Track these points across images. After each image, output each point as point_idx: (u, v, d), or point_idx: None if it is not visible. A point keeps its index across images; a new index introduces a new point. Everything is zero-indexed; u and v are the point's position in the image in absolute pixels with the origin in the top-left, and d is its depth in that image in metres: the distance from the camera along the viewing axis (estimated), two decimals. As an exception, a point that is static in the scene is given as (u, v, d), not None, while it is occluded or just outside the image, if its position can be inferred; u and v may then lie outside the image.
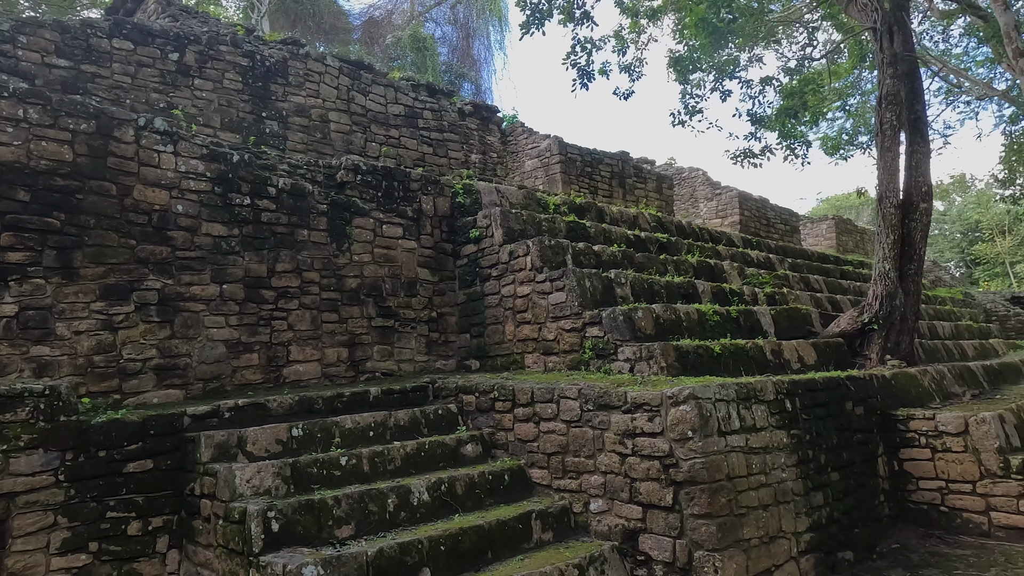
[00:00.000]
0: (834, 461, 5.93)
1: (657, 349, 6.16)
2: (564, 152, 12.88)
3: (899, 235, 9.11)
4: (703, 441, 4.58)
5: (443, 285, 8.19)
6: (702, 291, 8.56)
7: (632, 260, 8.42)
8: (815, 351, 8.24)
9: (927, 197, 9.33)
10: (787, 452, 5.34)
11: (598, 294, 7.08)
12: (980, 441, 6.40)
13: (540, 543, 4.95)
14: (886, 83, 9.49)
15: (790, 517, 5.16)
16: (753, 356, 7.12)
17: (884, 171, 9.33)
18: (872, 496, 6.45)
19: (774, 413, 5.35)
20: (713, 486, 4.55)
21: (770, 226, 18.61)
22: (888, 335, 8.84)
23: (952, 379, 8.78)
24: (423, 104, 10.71)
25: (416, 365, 7.73)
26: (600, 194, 13.53)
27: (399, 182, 7.86)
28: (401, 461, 5.29)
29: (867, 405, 6.79)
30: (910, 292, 9.00)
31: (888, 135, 9.38)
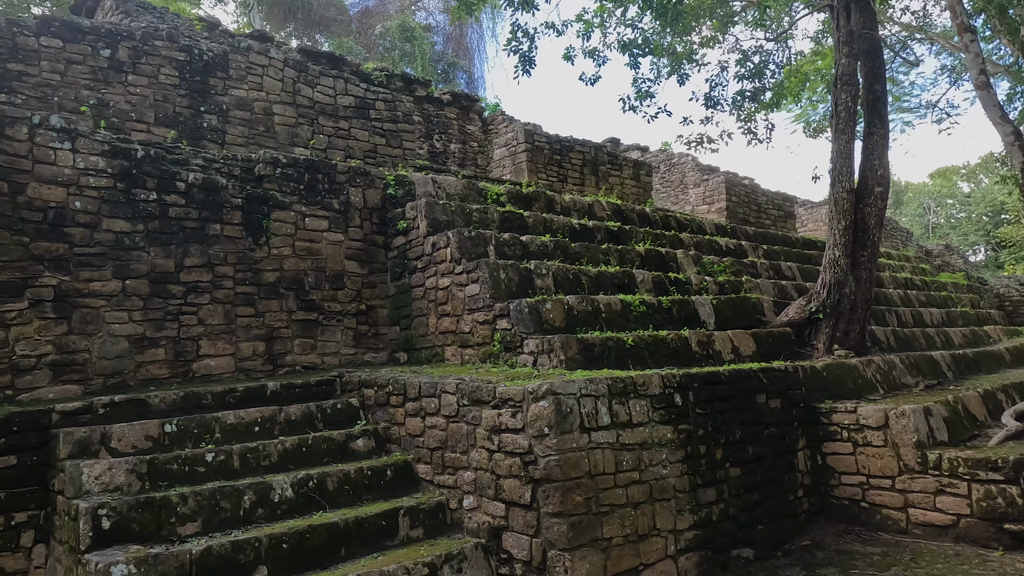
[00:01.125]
0: (735, 456, 5.75)
1: (557, 342, 6.02)
2: (531, 140, 12.71)
3: (851, 220, 8.80)
4: (559, 438, 4.46)
5: (374, 277, 8.13)
6: (640, 281, 8.38)
7: (566, 250, 8.25)
8: (755, 341, 8.02)
9: (882, 181, 8.99)
10: (671, 448, 5.18)
11: (513, 286, 6.96)
12: (899, 435, 6.15)
13: (407, 540, 4.89)
14: (842, 62, 9.15)
15: (668, 514, 5.01)
16: (675, 348, 6.94)
17: (838, 154, 9.01)
18: (787, 491, 6.25)
19: (658, 408, 5.19)
20: (567, 484, 4.42)
21: (761, 211, 18.20)
22: (837, 324, 8.57)
23: (904, 369, 8.47)
24: (375, 95, 10.63)
25: (342, 358, 7.70)
26: (570, 182, 13.36)
27: (324, 174, 7.81)
28: (278, 457, 5.27)
29: (787, 398, 6.57)
30: (862, 280, 8.69)
31: (843, 117, 9.05)
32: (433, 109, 16.39)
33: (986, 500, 5.61)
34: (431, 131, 16.23)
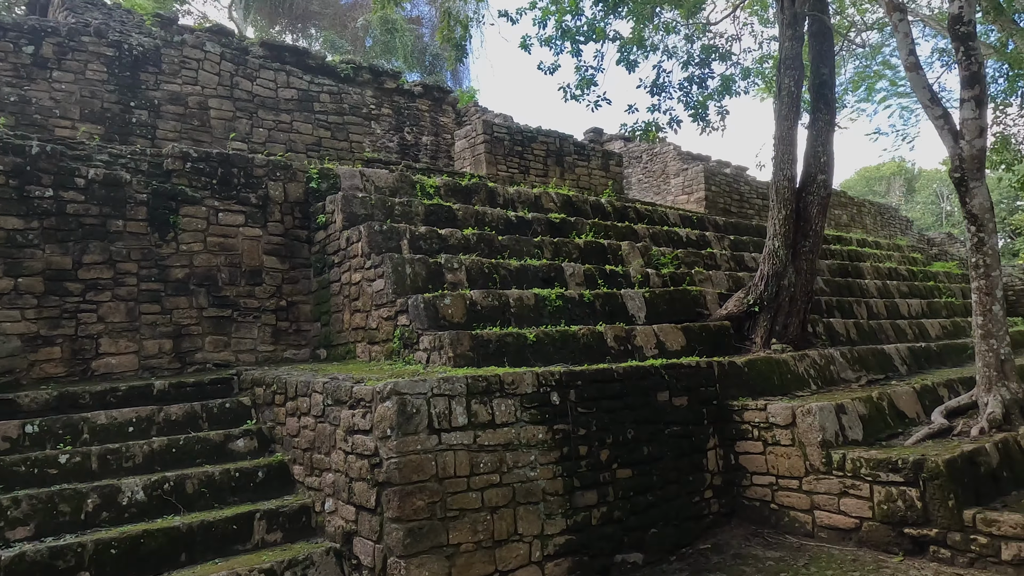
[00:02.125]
0: (626, 457, 5.53)
1: (447, 338, 5.84)
2: (489, 132, 12.48)
3: (792, 210, 8.49)
4: (400, 440, 4.29)
5: (296, 273, 8.01)
6: (570, 274, 8.16)
7: (492, 244, 8.05)
8: (685, 336, 7.77)
9: (826, 168, 8.66)
10: (543, 449, 4.99)
11: (420, 281, 6.78)
12: (804, 434, 5.89)
13: (261, 544, 4.75)
14: (785, 45, 8.82)
15: (535, 519, 4.82)
16: (587, 344, 6.72)
17: (779, 141, 8.70)
18: (691, 492, 6.03)
19: (529, 407, 4.99)
20: (407, 488, 4.25)
21: (744, 201, 17.80)
22: (776, 317, 8.29)
23: (845, 363, 8.16)
24: (320, 87, 10.49)
25: (259, 355, 7.59)
26: (532, 173, 13.12)
27: (240, 168, 7.69)
28: (143, 459, 5.16)
29: (696, 395, 6.33)
30: (802, 271, 8.39)
31: (786, 102, 8.72)
32: (404, 101, 16.23)
33: (887, 503, 5.34)
34: (401, 124, 16.08)
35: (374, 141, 15.70)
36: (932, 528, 5.12)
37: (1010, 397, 6.49)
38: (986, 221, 6.63)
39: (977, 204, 6.64)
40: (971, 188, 6.64)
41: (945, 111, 6.82)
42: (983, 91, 6.57)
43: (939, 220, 42.59)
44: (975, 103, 6.57)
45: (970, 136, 6.59)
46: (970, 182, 6.64)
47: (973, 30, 6.63)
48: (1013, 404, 6.49)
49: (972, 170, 6.62)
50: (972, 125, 6.58)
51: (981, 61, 6.58)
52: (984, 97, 6.60)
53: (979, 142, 6.58)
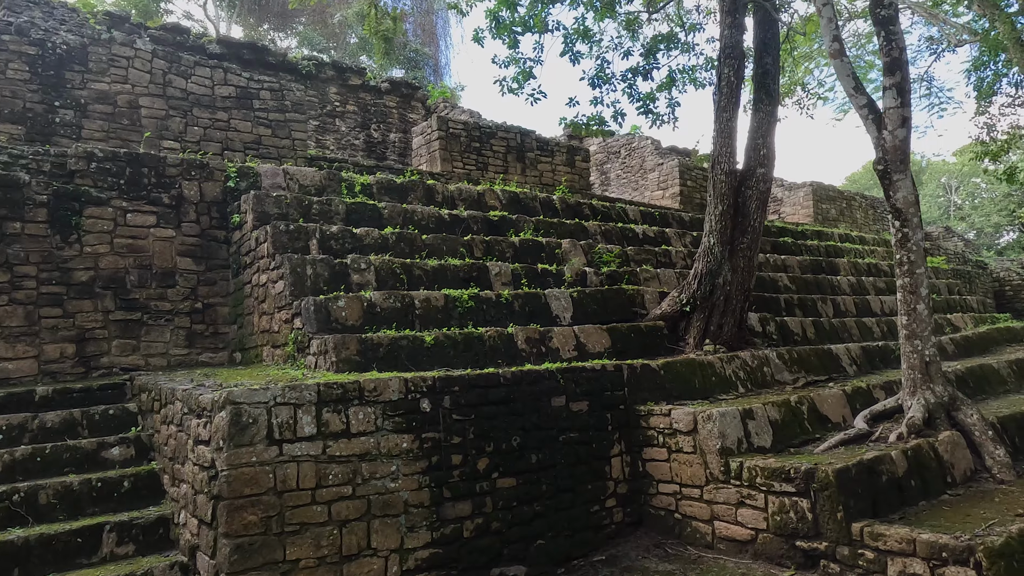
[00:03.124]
0: (509, 466, 5.30)
1: (331, 342, 5.63)
2: (444, 128, 12.25)
3: (730, 204, 8.19)
4: (232, 452, 4.09)
5: (213, 274, 7.84)
6: (496, 273, 7.92)
7: (413, 243, 7.83)
8: (611, 337, 7.51)
9: (766, 162, 8.34)
10: (408, 459, 4.76)
11: (322, 282, 6.58)
12: (705, 441, 5.62)
13: (109, 558, 4.58)
14: (725, 34, 8.51)
15: (393, 532, 4.60)
16: (494, 346, 6.49)
17: (718, 133, 8.40)
18: (589, 501, 5.78)
19: (392, 415, 4.77)
20: (238, 502, 4.05)
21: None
22: (711, 317, 8.00)
23: (781, 364, 7.85)
24: (259, 84, 10.29)
25: (172, 359, 7.43)
26: (491, 170, 12.86)
27: (150, 168, 7.52)
28: (3, 467, 5.00)
29: (600, 400, 6.07)
30: (739, 269, 8.08)
31: (725, 93, 8.42)
32: (370, 98, 16.06)
33: (780, 514, 5.07)
34: (368, 121, 15.93)
35: (338, 139, 15.55)
36: (823, 541, 4.83)
37: (935, 401, 6.18)
38: (910, 216, 6.31)
39: (901, 198, 6.32)
40: (894, 181, 6.32)
41: (870, 100, 6.50)
42: (905, 78, 6.24)
43: (945, 213, 41.74)
44: (896, 91, 6.24)
45: (892, 126, 6.27)
46: (893, 174, 6.32)
47: (895, 14, 6.30)
48: (938, 408, 6.18)
49: (895, 162, 6.30)
50: (894, 114, 6.26)
51: (903, 47, 6.25)
52: (907, 85, 6.27)
53: (901, 132, 6.26)
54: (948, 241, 24.48)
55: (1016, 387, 9.66)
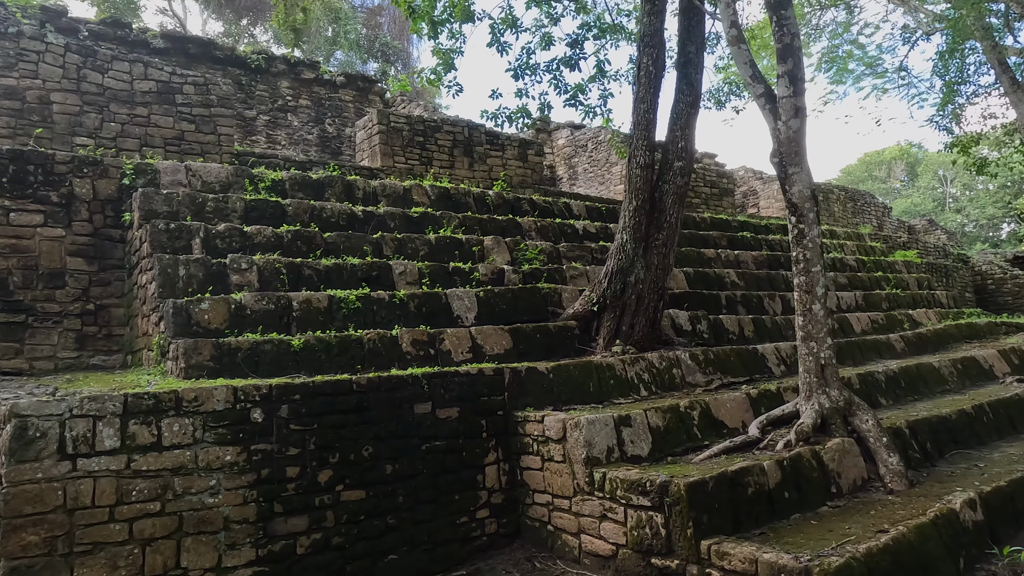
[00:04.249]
0: (358, 477, 5.04)
1: (181, 347, 5.39)
2: (385, 122, 11.97)
3: (645, 199, 7.88)
4: (14, 468, 3.84)
5: (107, 275, 7.60)
6: (400, 272, 7.66)
7: (312, 241, 7.57)
8: (512, 339, 7.24)
9: (684, 155, 8.01)
10: (232, 473, 4.51)
11: (196, 283, 6.33)
12: (572, 450, 5.34)
13: (-88, 577, 4.35)
14: (644, 21, 8.18)
15: (210, 550, 4.35)
16: (374, 349, 6.22)
17: (635, 125, 8.09)
18: (455, 513, 5.51)
19: (215, 426, 4.51)
20: (18, 522, 3.81)
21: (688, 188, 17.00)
22: (622, 316, 7.71)
23: (694, 366, 7.55)
24: (183, 79, 10.03)
25: (60, 362, 7.21)
26: (436, 165, 12.56)
27: (37, 165, 7.29)
28: None
29: (474, 406, 5.80)
30: (653, 267, 7.77)
31: (643, 83, 8.10)
32: (325, 92, 15.81)
33: (637, 529, 4.78)
34: (322, 115, 15.67)
35: (290, 134, 15.31)
36: (674, 559, 4.55)
37: (829, 406, 5.88)
38: (806, 211, 5.99)
39: (796, 192, 6.00)
40: (790, 174, 6.00)
41: (768, 89, 6.17)
42: (797, 66, 5.91)
43: (940, 205, 41.09)
44: (789, 79, 5.92)
45: (785, 116, 5.95)
46: (788, 167, 6.00)
47: (786, -2, 5.96)
48: (833, 413, 5.88)
49: (790, 154, 5.98)
50: (787, 104, 5.93)
51: (795, 32, 5.92)
52: (799, 72, 5.94)
53: (795, 123, 5.93)
54: (931, 234, 24.03)
55: (957, 387, 9.32)
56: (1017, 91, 13.49)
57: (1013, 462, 6.35)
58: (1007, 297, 21.40)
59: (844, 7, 19.16)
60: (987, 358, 10.50)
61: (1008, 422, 7.98)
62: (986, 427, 7.55)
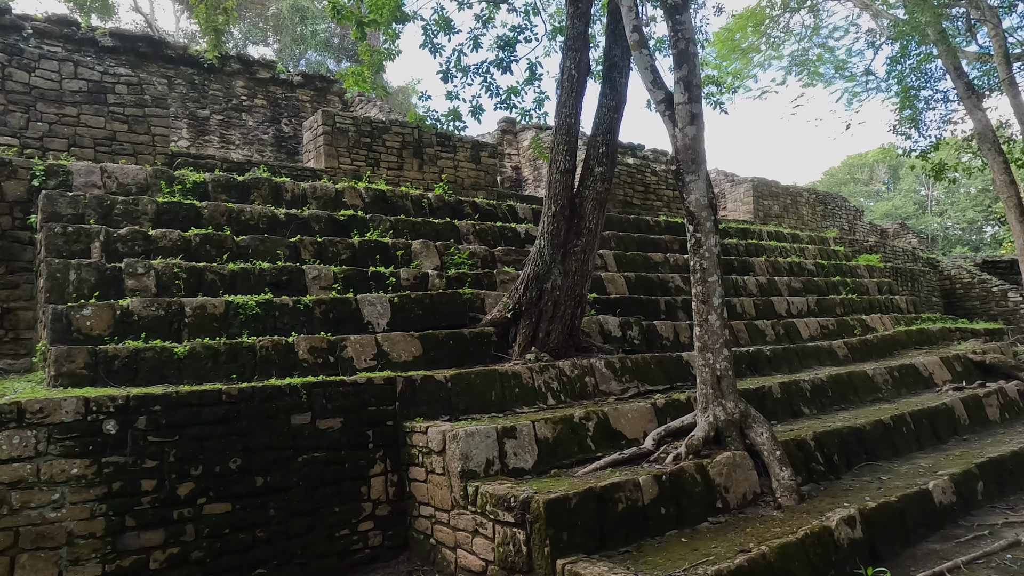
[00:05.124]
0: (223, 490, 4.92)
1: (53, 355, 5.27)
2: (330, 122, 11.83)
3: (564, 204, 7.77)
4: None
5: (15, 277, 7.47)
6: (314, 277, 7.54)
7: (222, 245, 7.45)
8: (422, 345, 7.14)
9: (605, 160, 7.91)
10: (77, 486, 4.40)
11: (87, 288, 6.21)
12: (450, 462, 5.23)
13: None
14: (568, 24, 8.08)
15: (50, 565, 4.23)
16: (266, 356, 6.11)
17: (557, 129, 7.99)
18: (336, 525, 5.41)
19: (63, 439, 4.40)
20: None
21: (650, 192, 16.90)
22: (539, 323, 7.61)
23: (610, 374, 7.45)
24: (115, 78, 9.88)
25: (-39, 366, 7.07)
26: (384, 167, 12.43)
27: (-61, 166, 7.15)
28: None
29: (361, 416, 5.69)
30: (570, 273, 7.66)
31: (566, 87, 7.99)
32: (281, 91, 15.67)
33: (503, 545, 4.68)
34: (278, 115, 15.53)
35: (245, 134, 15.16)
36: (534, 578, 4.45)
37: (725, 418, 5.78)
38: (703, 220, 5.89)
39: (693, 200, 5.90)
40: (687, 182, 5.90)
41: (668, 95, 6.06)
42: (692, 72, 5.81)
43: (921, 208, 41.08)
44: (684, 85, 5.81)
45: (682, 123, 5.84)
46: (685, 175, 5.90)
47: (682, 2, 5.85)
48: (729, 425, 5.78)
49: (687, 162, 5.87)
50: (683, 111, 5.83)
51: (689, 38, 5.81)
52: (694, 79, 5.83)
53: (691, 130, 5.83)
54: (901, 238, 23.99)
55: (890, 395, 9.24)
56: (971, 97, 13.42)
57: (918, 475, 6.27)
58: (974, 302, 21.38)
59: (809, 11, 19.15)
60: (928, 365, 10.42)
61: (931, 432, 7.90)
62: (905, 437, 7.47)
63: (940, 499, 5.81)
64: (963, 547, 5.25)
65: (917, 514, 5.52)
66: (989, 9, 13.81)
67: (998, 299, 20.42)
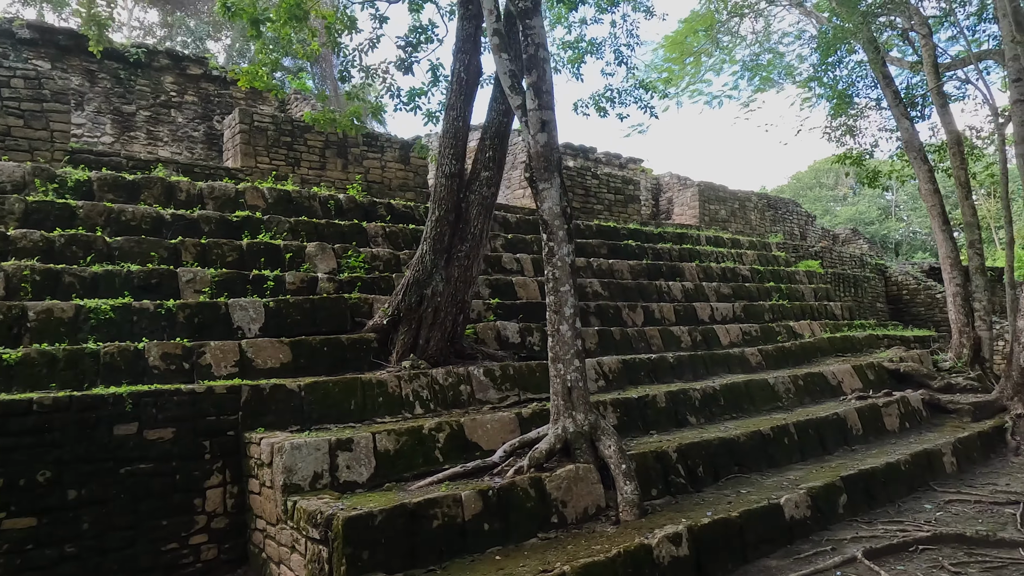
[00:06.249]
0: (27, 504, 4.74)
1: None
2: (248, 121, 11.63)
3: (449, 209, 7.65)
4: None
5: None
6: (188, 280, 7.36)
7: (91, 247, 7.25)
8: (292, 352, 6.98)
9: (492, 165, 7.80)
10: None
11: (-77, 290, 5.99)
12: (275, 475, 5.09)
13: None
14: (458, 25, 7.95)
15: None
16: (111, 363, 5.95)
17: (444, 134, 7.86)
18: (162, 539, 5.24)
19: None
20: None
21: (590, 196, 16.84)
22: (419, 330, 7.48)
23: (489, 382, 7.34)
24: (11, 71, 9.63)
25: None
26: (305, 167, 12.24)
27: None
28: None
29: (197, 425, 5.53)
30: (453, 279, 7.54)
31: (455, 90, 7.87)
32: (214, 88, 15.43)
33: (311, 563, 4.55)
34: (210, 112, 15.29)
35: (174, 131, 14.90)
36: (334, 597, 4.31)
37: (574, 430, 5.69)
38: (555, 228, 5.79)
39: (547, 208, 5.79)
40: (540, 190, 5.80)
41: (523, 104, 5.95)
42: (542, 78, 5.71)
43: (885, 213, 41.43)
44: (534, 91, 5.71)
45: (533, 130, 5.74)
46: (539, 183, 5.80)
47: (532, 6, 5.75)
48: (578, 437, 5.69)
49: (539, 169, 5.78)
50: (534, 117, 5.73)
51: (539, 43, 5.71)
52: (545, 85, 5.74)
53: (542, 137, 5.73)
54: (852, 244, 24.13)
55: (791, 404, 9.21)
56: (899, 105, 13.47)
57: (780, 488, 6.21)
58: (920, 308, 21.53)
59: (758, 16, 19.17)
60: (838, 374, 10.42)
61: (818, 443, 7.87)
62: (786, 449, 7.43)
63: (792, 514, 5.75)
64: (800, 563, 5.19)
65: (761, 530, 5.45)
66: (920, 18, 13.88)
67: (941, 306, 20.55)
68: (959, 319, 13.02)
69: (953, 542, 5.53)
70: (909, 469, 7.29)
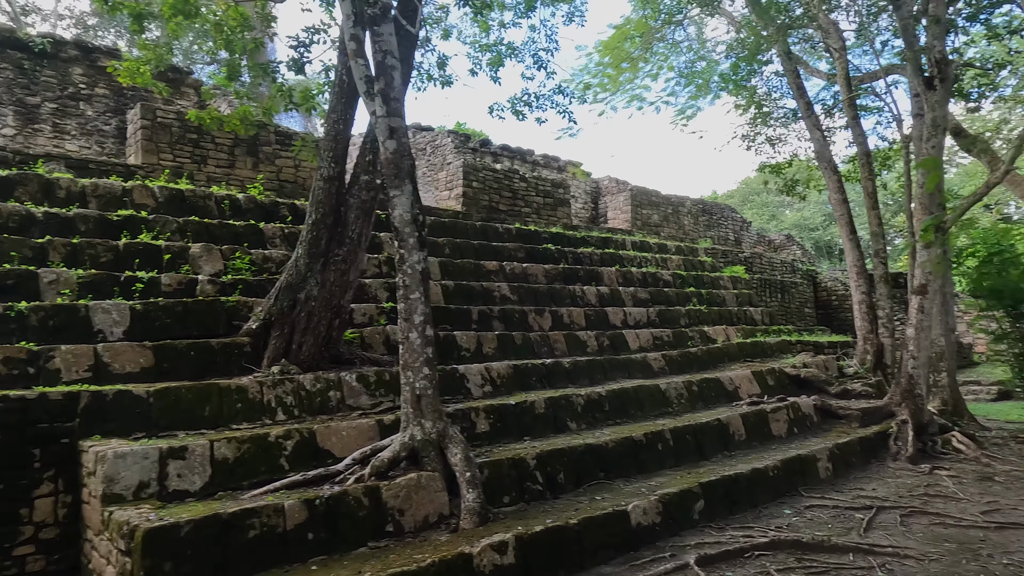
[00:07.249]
0: None
1: None
2: (150, 116, 11.36)
3: (328, 213, 7.55)
4: None
5: None
6: (50, 281, 7.16)
7: (-54, 245, 6.98)
8: (155, 356, 6.86)
9: (372, 169, 7.71)
10: None
11: None
12: (96, 485, 4.96)
13: None
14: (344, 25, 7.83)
15: None
16: (-53, 368, 5.70)
17: (325, 135, 7.77)
18: (-18, 552, 5.06)
19: None
20: None
21: (517, 198, 16.87)
22: (292, 335, 7.37)
23: (362, 388, 7.26)
24: None
25: None
26: (213, 164, 12.01)
27: None
28: None
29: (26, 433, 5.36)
30: (328, 283, 7.45)
31: (335, 92, 7.79)
32: (128, 82, 15.00)
33: (120, 575, 4.43)
34: (123, 105, 14.90)
35: (83, 124, 14.49)
36: (133, 611, 4.21)
37: (422, 437, 5.66)
38: (407, 235, 5.76)
39: (398, 216, 5.77)
40: (391, 197, 5.77)
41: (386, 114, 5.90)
42: (390, 85, 5.68)
43: (829, 219, 42.39)
44: (383, 98, 5.68)
45: (383, 137, 5.71)
46: (390, 190, 5.77)
47: (381, 13, 5.71)
48: (426, 445, 5.67)
49: (390, 176, 5.75)
50: (382, 125, 5.71)
51: (387, 50, 5.68)
52: (392, 92, 5.71)
53: (391, 144, 5.70)
54: (785, 250, 24.63)
55: (682, 409, 9.32)
56: (811, 116, 13.78)
57: (638, 495, 6.27)
58: (847, 313, 22.03)
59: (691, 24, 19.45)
60: (735, 379, 10.59)
61: (695, 449, 7.98)
62: (659, 455, 7.51)
63: (639, 520, 5.81)
64: (635, 570, 5.25)
65: (603, 537, 5.50)
66: (835, 29, 14.21)
67: (865, 311, 21.09)
68: (864, 326, 13.36)
69: (789, 548, 5.65)
70: (778, 475, 7.44)
